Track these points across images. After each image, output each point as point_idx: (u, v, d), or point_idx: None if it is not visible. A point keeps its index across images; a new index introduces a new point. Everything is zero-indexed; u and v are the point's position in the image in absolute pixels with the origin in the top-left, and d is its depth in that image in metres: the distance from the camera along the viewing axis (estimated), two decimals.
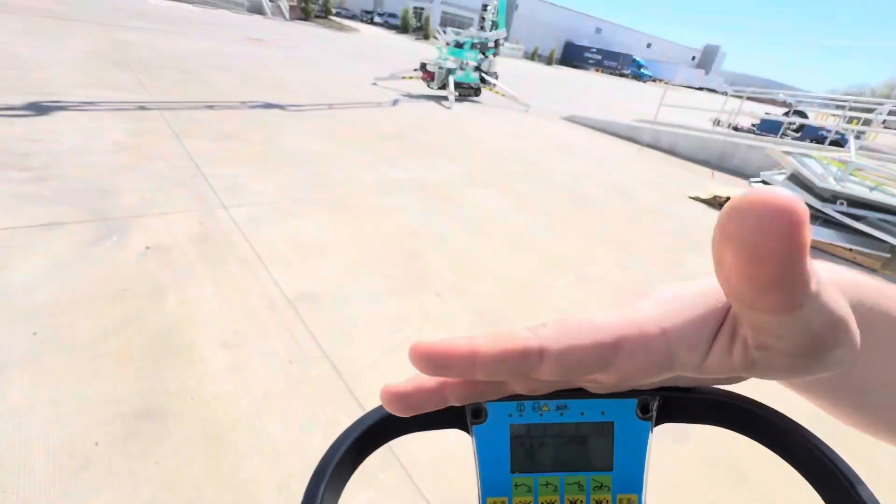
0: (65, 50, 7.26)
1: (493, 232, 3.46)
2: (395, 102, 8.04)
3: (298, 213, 3.13)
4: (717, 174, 7.12)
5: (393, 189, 3.94)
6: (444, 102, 8.79)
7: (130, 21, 12.82)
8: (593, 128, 9.51)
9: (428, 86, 9.63)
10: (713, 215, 5.01)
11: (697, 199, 5.50)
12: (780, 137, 8.78)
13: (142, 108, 4.87)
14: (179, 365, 1.72)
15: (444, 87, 9.31)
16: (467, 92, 9.94)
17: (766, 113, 12.79)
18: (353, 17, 46.73)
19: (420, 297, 2.44)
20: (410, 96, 9.00)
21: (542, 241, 3.46)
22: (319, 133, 5.20)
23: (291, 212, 3.12)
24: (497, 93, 10.42)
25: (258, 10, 27.87)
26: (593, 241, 3.66)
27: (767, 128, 10.74)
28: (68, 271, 2.12)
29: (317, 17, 30.70)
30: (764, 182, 5.16)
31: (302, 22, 28.42)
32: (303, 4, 29.28)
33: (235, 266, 2.40)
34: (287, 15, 28.78)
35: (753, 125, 11.59)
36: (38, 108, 4.26)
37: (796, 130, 10.99)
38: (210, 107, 5.38)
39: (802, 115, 12.43)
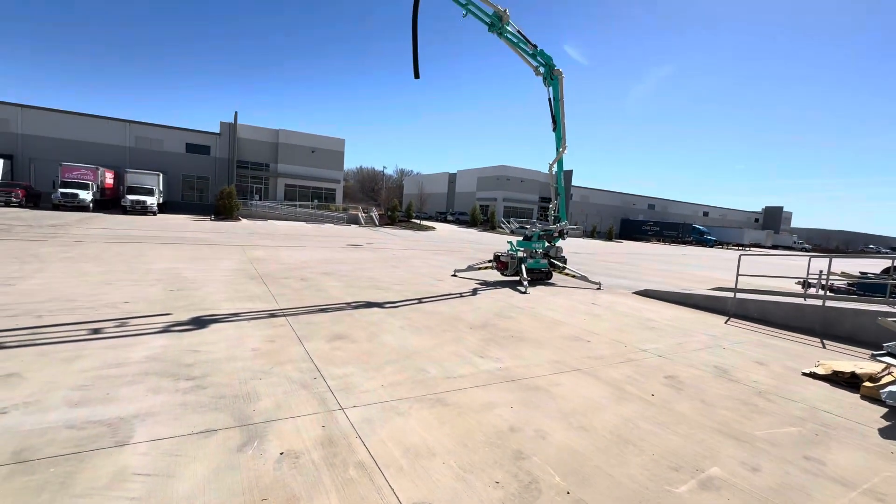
0: (216, 270, 9.31)
1: (592, 425, 3.38)
2: (474, 292, 8.86)
3: (405, 411, 3.37)
4: (830, 345, 6.48)
5: (486, 381, 4.12)
6: (519, 288, 9.50)
7: (261, 241, 16.30)
8: (670, 301, 9.47)
9: (502, 274, 10.61)
10: (840, 395, 4.44)
11: (814, 375, 4.98)
12: (890, 298, 8.03)
13: (272, 315, 5.91)
14: None
15: (517, 273, 10.19)
16: (539, 276, 10.72)
17: (861, 272, 11.97)
18: (429, 218, 55.11)
19: None
20: (487, 284, 9.89)
21: (647, 435, 3.28)
22: (413, 328, 5.80)
23: (399, 410, 3.37)
24: (567, 274, 11.11)
25: (355, 221, 34.19)
26: (706, 434, 3.38)
27: (869, 287, 9.92)
28: (220, 481, 2.42)
29: (401, 221, 36.74)
30: (891, 354, 4.63)
31: (389, 226, 34.03)
32: (389, 213, 35.51)
33: (355, 472, 2.57)
34: (377, 222, 34.84)
35: (851, 285, 10.80)
36: (199, 322, 5.35)
37: None
38: (323, 310, 6.37)
39: None
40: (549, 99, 10.56)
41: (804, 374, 5.06)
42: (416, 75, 8.65)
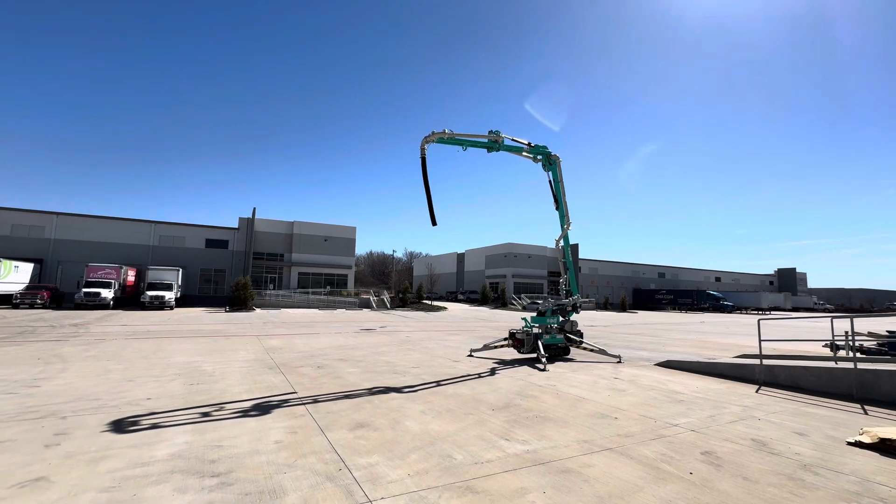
0: (233, 361, 9.35)
1: None
2: (493, 371, 8.72)
3: (434, 501, 3.25)
4: (872, 411, 6.17)
5: (515, 465, 3.99)
6: (537, 365, 9.33)
7: (276, 329, 16.42)
8: (695, 371, 9.17)
9: (519, 351, 10.47)
10: (893, 465, 4.18)
11: (860, 444, 4.72)
12: None
13: (292, 405, 5.87)
14: None
15: (534, 350, 10.06)
16: (556, 352, 10.55)
17: (889, 331, 11.61)
18: (440, 298, 55.25)
19: None
20: (504, 363, 9.73)
21: None
22: (435, 412, 5.70)
23: (428, 500, 3.26)
24: (585, 348, 10.92)
25: (367, 305, 34.41)
26: None
27: None
28: None
29: (412, 302, 36.90)
30: None
31: (401, 309, 34.13)
32: (400, 295, 35.80)
33: None
34: (389, 304, 35.00)
35: (882, 345, 10.41)
36: (221, 416, 5.33)
37: None
38: (343, 398, 6.31)
39: None
40: (550, 182, 11.28)
41: (849, 443, 4.79)
42: (434, 223, 8.92)
